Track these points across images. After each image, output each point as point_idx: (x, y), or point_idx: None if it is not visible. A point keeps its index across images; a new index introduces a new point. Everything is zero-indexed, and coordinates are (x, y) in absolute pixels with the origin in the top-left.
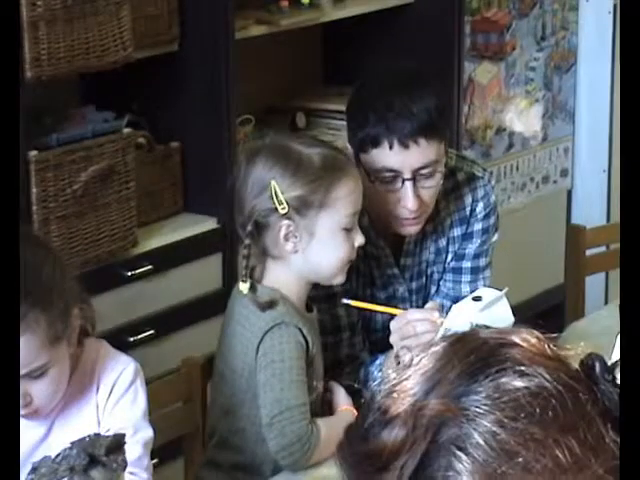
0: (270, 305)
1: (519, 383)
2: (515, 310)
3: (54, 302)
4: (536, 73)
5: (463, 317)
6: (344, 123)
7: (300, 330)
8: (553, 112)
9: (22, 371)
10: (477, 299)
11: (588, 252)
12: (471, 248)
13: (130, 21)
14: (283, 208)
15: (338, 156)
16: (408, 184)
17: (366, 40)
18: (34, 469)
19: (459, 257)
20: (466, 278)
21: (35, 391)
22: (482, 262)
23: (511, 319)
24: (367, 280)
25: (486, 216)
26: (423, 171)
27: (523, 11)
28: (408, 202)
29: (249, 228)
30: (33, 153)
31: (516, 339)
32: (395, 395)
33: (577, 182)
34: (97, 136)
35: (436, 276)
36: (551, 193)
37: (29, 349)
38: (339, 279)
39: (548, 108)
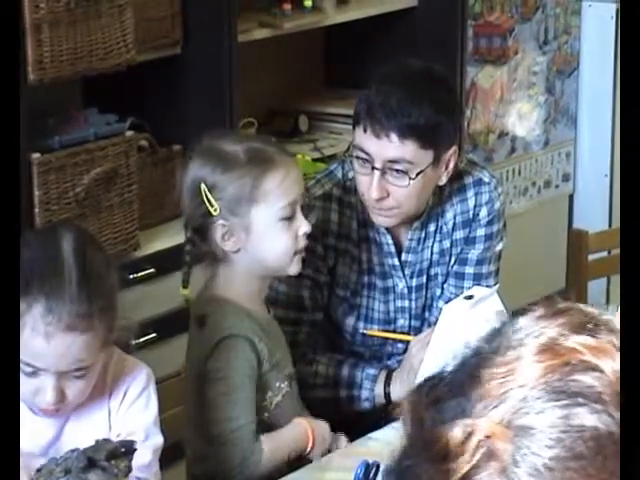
0: (201, 322)
1: (589, 421)
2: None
3: (114, 308)
4: (538, 77)
5: (455, 315)
6: (346, 126)
7: (251, 341)
8: (555, 116)
9: (69, 367)
10: (469, 298)
11: (590, 257)
12: (474, 254)
13: (133, 24)
14: (215, 210)
15: (265, 148)
16: (376, 173)
17: (369, 43)
18: (39, 470)
19: (462, 262)
20: (468, 284)
21: (71, 390)
22: (485, 269)
23: (504, 316)
24: (364, 267)
25: (489, 222)
26: (394, 166)
27: (526, 15)
28: (371, 190)
29: (188, 235)
30: (35, 155)
31: (603, 365)
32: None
33: (579, 187)
34: (99, 139)
35: (440, 278)
36: (553, 197)
37: (86, 348)
38: (293, 269)
39: (550, 112)
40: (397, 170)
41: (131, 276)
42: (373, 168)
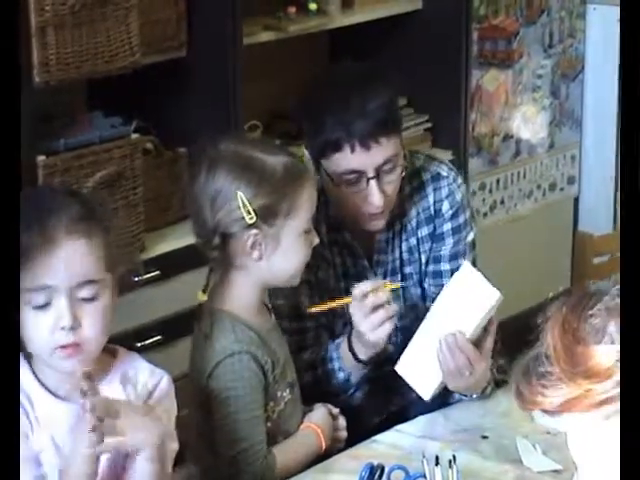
0: (205, 336)
1: None
2: (520, 317)
3: (111, 234)
4: (543, 80)
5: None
6: None
7: (254, 355)
8: (560, 119)
9: (79, 278)
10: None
11: (595, 260)
12: (445, 249)
13: (138, 27)
14: (251, 218)
15: (298, 163)
16: (373, 182)
17: (373, 47)
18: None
19: (436, 260)
20: (447, 281)
21: (85, 318)
22: (461, 262)
23: (496, 294)
24: (339, 271)
25: (454, 215)
26: (385, 167)
27: (530, 18)
28: (375, 199)
29: (216, 241)
30: (41, 158)
31: None
32: None
33: (584, 189)
34: (105, 141)
35: (415, 277)
36: (558, 200)
37: (90, 257)
38: (296, 280)
39: (555, 115)
40: (389, 168)
41: (136, 278)
42: (368, 179)
